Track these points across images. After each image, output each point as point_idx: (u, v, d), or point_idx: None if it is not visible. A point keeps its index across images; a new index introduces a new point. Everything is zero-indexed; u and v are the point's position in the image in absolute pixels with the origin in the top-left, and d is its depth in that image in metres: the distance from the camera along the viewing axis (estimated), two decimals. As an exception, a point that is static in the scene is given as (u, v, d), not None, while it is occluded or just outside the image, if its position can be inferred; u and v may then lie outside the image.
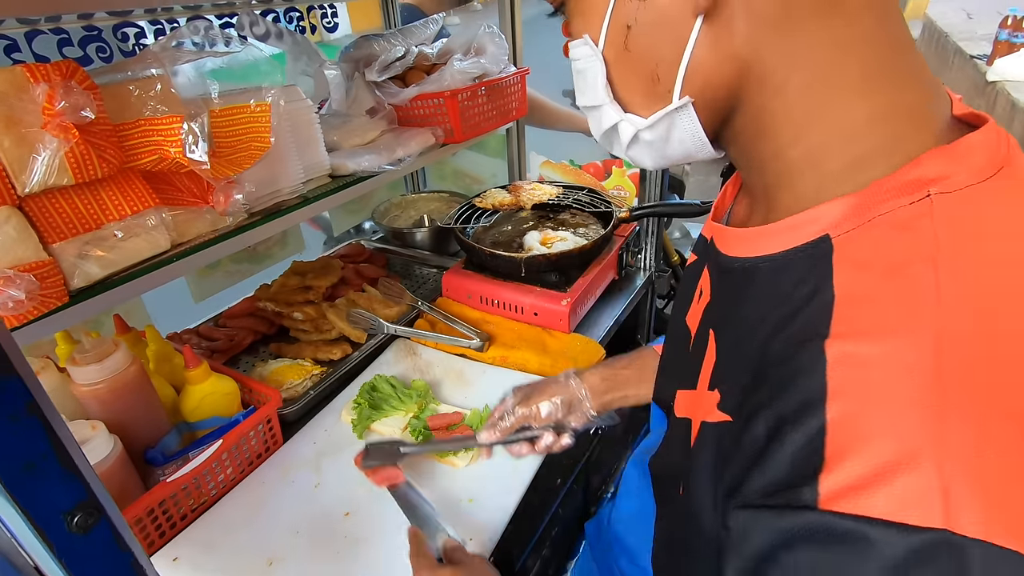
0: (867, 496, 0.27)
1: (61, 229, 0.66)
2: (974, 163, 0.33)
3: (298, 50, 1.18)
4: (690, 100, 0.39)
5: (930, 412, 0.27)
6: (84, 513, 0.35)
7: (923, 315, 0.29)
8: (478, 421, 0.90)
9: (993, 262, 0.30)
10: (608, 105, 0.43)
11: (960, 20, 6.74)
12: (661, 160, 0.45)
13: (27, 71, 0.61)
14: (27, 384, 0.31)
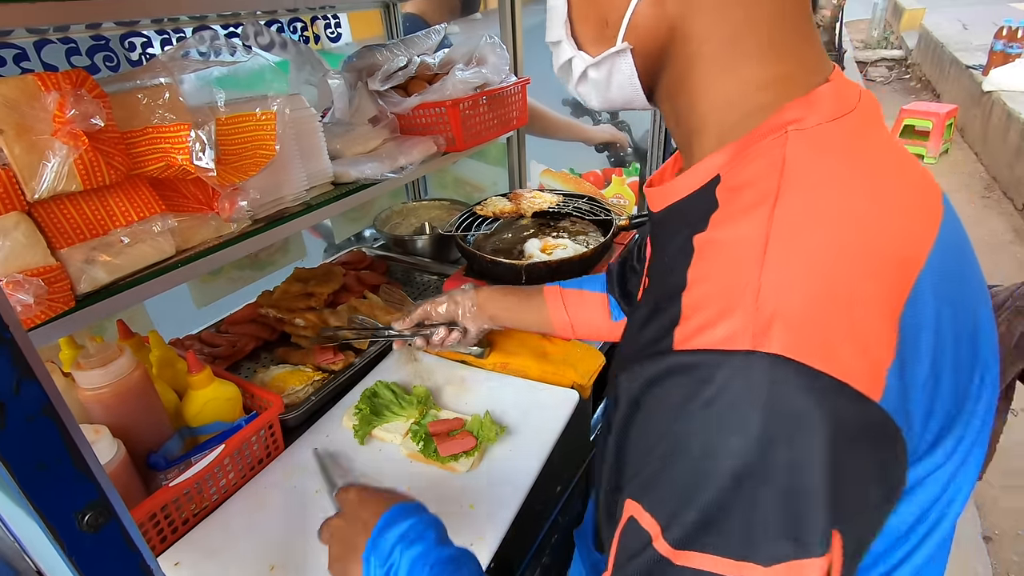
0: (703, 336, 0.36)
1: (69, 235, 0.67)
2: (823, 108, 0.42)
3: (302, 59, 1.19)
4: (629, 47, 0.46)
5: (752, 271, 0.36)
6: (95, 512, 0.36)
7: (762, 212, 0.38)
8: (479, 427, 0.91)
9: (820, 175, 0.40)
10: (565, 41, 0.50)
11: (956, 31, 6.81)
12: (604, 101, 0.52)
13: (38, 80, 0.62)
14: (44, 387, 0.32)
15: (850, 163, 0.41)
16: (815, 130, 0.41)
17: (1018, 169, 3.82)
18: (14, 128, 0.61)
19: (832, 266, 0.36)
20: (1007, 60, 4.59)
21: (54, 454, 0.33)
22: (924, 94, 6.22)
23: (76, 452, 0.35)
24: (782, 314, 0.34)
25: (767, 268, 0.36)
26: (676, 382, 0.37)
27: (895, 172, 0.43)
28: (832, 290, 0.35)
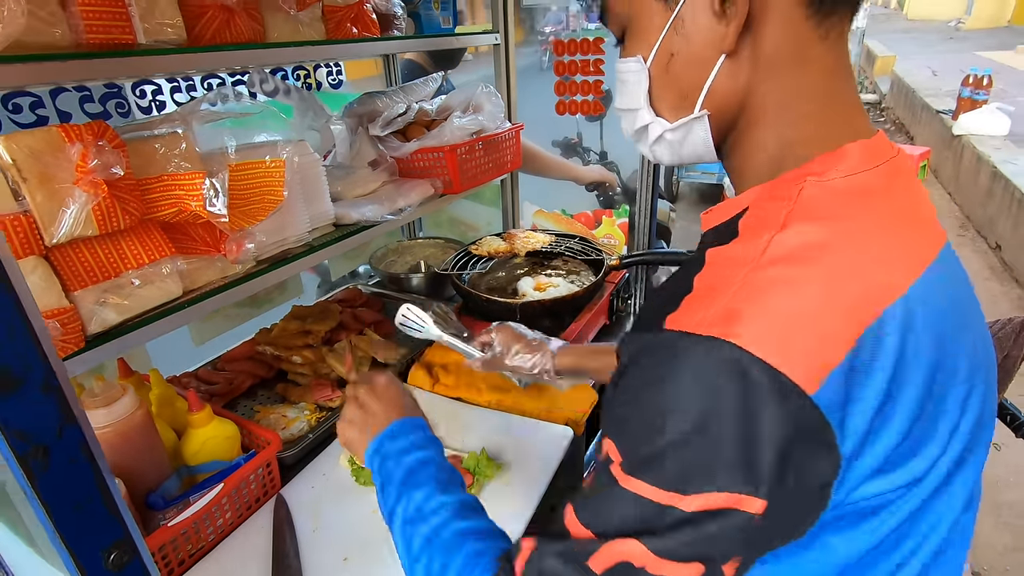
0: (684, 320, 0.43)
1: (83, 277, 0.70)
2: (844, 165, 0.48)
3: (305, 106, 1.24)
4: (706, 113, 0.53)
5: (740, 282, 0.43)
6: (120, 551, 0.38)
7: (765, 236, 0.45)
8: (476, 463, 0.92)
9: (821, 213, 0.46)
10: (645, 109, 0.57)
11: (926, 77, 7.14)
12: (675, 158, 0.59)
13: (62, 131, 0.65)
14: (83, 430, 0.34)
15: (853, 207, 0.47)
16: (830, 183, 0.47)
17: (990, 209, 3.97)
18: (37, 177, 0.64)
19: (805, 285, 0.43)
20: (975, 106, 4.82)
21: (88, 494, 0.35)
22: (899, 136, 6.47)
23: (106, 492, 0.37)
24: (747, 316, 0.41)
25: (746, 282, 0.43)
26: (655, 351, 0.45)
27: (898, 217, 0.48)
28: (799, 304, 0.42)
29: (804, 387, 0.40)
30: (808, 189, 0.47)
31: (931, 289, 0.46)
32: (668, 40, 0.52)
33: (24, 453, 0.31)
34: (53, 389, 0.33)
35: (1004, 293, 3.37)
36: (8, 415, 0.30)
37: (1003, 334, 1.15)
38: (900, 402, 0.43)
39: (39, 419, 0.32)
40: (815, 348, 0.41)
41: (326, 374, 1.17)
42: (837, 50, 0.50)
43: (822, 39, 0.49)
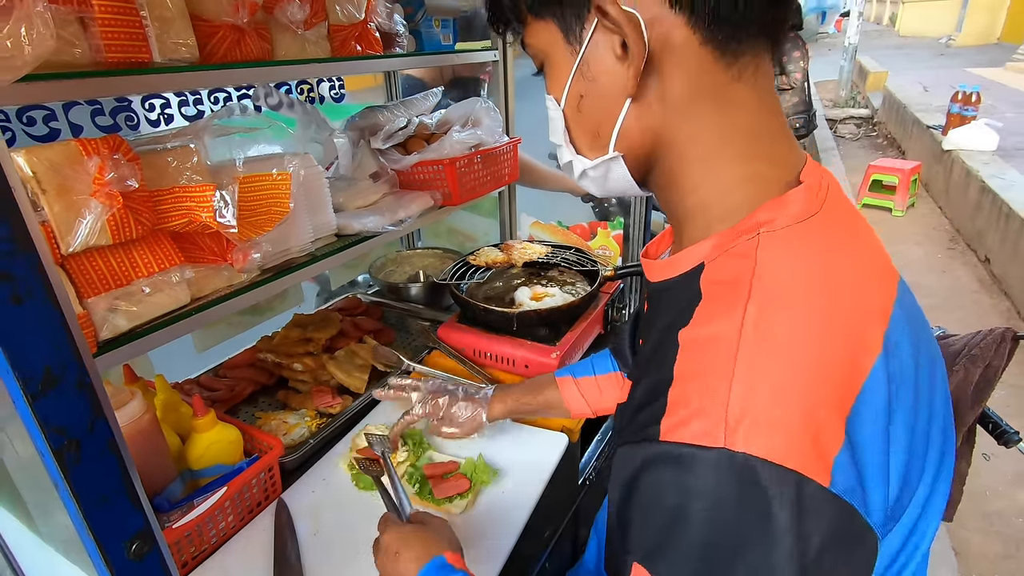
0: (684, 430, 0.42)
1: (96, 285, 0.72)
2: (792, 211, 0.48)
3: (308, 119, 1.27)
4: (620, 155, 0.54)
5: (725, 376, 0.42)
6: (141, 542, 0.40)
7: (735, 314, 0.45)
8: (473, 469, 0.94)
9: (786, 276, 0.46)
10: (565, 146, 0.58)
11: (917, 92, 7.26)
12: (604, 192, 0.60)
13: (80, 145, 0.68)
14: (111, 427, 0.37)
15: (812, 268, 0.47)
16: (784, 232, 0.47)
17: (979, 222, 4.04)
18: (56, 188, 0.66)
19: (790, 373, 0.42)
20: (963, 122, 4.91)
21: (114, 486, 0.38)
22: (890, 150, 6.56)
23: (131, 485, 0.39)
24: (746, 417, 0.41)
25: (736, 375, 0.42)
26: (664, 469, 0.43)
27: (853, 266, 0.49)
28: (789, 394, 0.42)
29: (820, 480, 0.39)
30: (764, 247, 0.47)
31: (899, 330, 0.47)
32: (576, 82, 0.52)
33: (59, 447, 0.34)
34: (86, 386, 0.35)
35: (993, 306, 3.42)
36: (47, 411, 0.33)
37: (984, 344, 1.18)
38: (896, 451, 0.44)
39: (74, 415, 0.35)
40: (816, 436, 0.40)
41: (326, 381, 1.19)
42: (758, 87, 0.50)
43: (736, 79, 0.48)
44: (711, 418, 0.41)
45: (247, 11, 0.83)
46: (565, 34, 0.51)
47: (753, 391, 0.41)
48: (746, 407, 0.41)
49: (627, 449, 0.47)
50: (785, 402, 0.41)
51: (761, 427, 0.40)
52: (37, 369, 0.32)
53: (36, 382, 0.32)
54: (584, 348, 1.31)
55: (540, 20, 0.53)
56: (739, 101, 0.49)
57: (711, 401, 0.42)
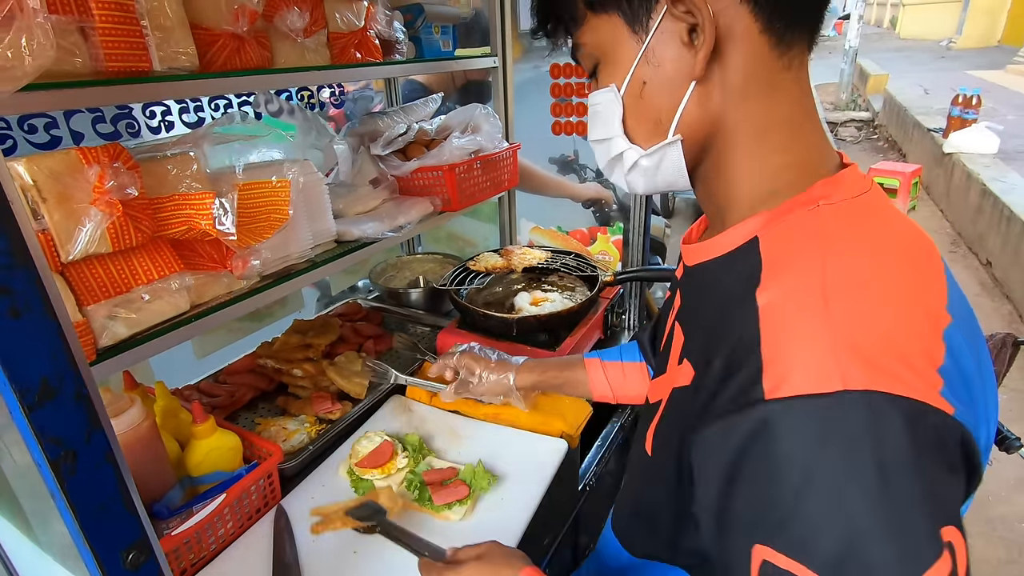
0: (791, 381, 0.41)
1: (95, 292, 0.72)
2: (846, 188, 0.51)
3: (308, 125, 1.28)
4: (679, 138, 0.55)
5: (821, 322, 0.42)
6: (137, 551, 0.40)
7: (814, 266, 0.45)
8: (472, 476, 0.94)
9: (856, 236, 0.48)
10: (619, 137, 0.58)
11: (917, 95, 7.27)
12: (650, 186, 0.60)
13: (80, 154, 0.68)
14: (108, 436, 0.37)
15: (873, 232, 0.49)
16: (841, 204, 0.50)
17: (980, 225, 4.03)
18: (56, 197, 0.67)
19: (883, 312, 0.43)
20: (964, 125, 4.91)
21: (111, 496, 0.38)
22: (891, 153, 6.57)
23: (127, 494, 0.39)
24: (856, 354, 0.40)
25: (833, 316, 0.42)
26: (781, 429, 0.40)
27: (908, 238, 0.51)
28: (887, 330, 0.42)
29: (946, 409, 0.39)
30: (825, 216, 0.49)
31: (956, 302, 0.48)
32: (640, 69, 0.54)
33: (56, 457, 0.34)
34: (83, 397, 0.35)
35: (995, 309, 3.41)
36: (44, 422, 0.33)
37: (985, 350, 1.17)
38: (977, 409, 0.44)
39: (70, 425, 0.35)
40: (924, 371, 0.40)
41: (326, 387, 1.19)
42: (801, 80, 0.53)
43: (786, 69, 0.52)
44: (820, 363, 0.40)
45: (247, 20, 0.84)
46: (630, 24, 0.53)
47: (855, 328, 0.41)
48: (854, 345, 0.40)
49: (721, 424, 0.44)
50: (888, 339, 0.41)
51: (873, 361, 0.40)
52: (34, 381, 0.32)
53: (33, 393, 0.33)
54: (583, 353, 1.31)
55: (602, 15, 0.55)
56: (786, 90, 0.52)
57: (813, 347, 0.41)
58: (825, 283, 0.44)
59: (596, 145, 0.62)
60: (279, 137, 1.10)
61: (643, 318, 1.50)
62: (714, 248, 0.56)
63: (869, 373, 0.39)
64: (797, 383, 0.40)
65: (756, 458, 0.41)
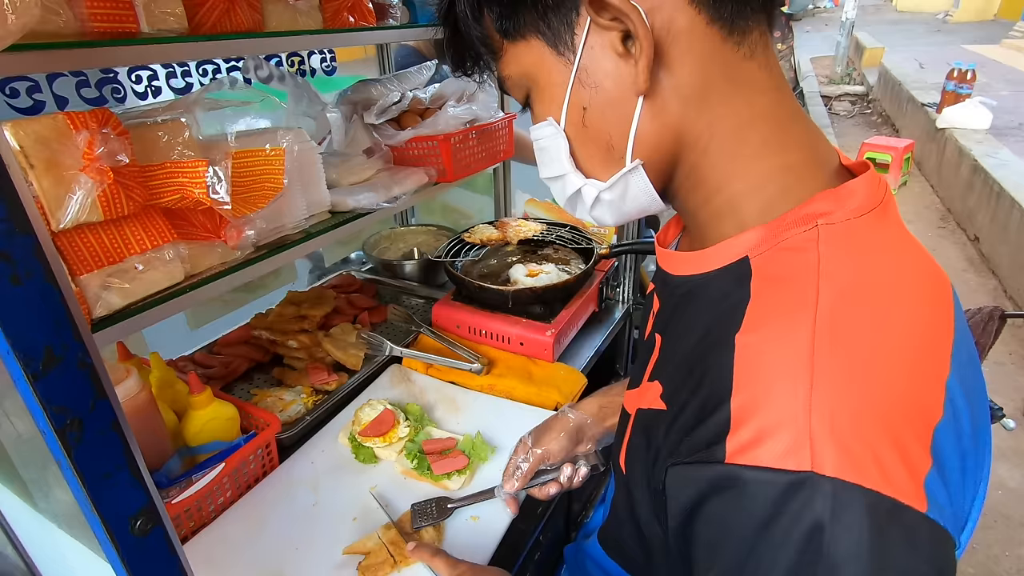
0: (758, 450, 0.37)
1: (88, 262, 0.71)
2: (852, 203, 0.44)
3: (299, 92, 1.25)
4: (639, 162, 0.48)
5: (802, 385, 0.37)
6: (145, 518, 0.41)
7: (805, 314, 0.40)
8: (470, 446, 0.95)
9: (857, 275, 0.41)
10: (572, 173, 0.52)
11: (912, 69, 7.22)
12: (620, 217, 0.54)
13: (68, 119, 0.66)
14: (112, 405, 0.37)
15: (881, 269, 0.42)
16: (844, 226, 0.43)
17: (970, 201, 4.06)
18: (44, 163, 0.65)
19: (875, 385, 0.37)
20: (958, 99, 4.90)
21: (117, 464, 0.38)
22: (884, 128, 6.55)
23: (133, 462, 0.39)
24: (833, 433, 0.35)
25: (816, 386, 0.36)
26: (731, 497, 0.37)
27: (918, 276, 0.44)
28: (875, 406, 0.37)
29: (918, 507, 0.35)
30: (825, 242, 0.42)
31: (960, 345, 0.43)
32: (576, 94, 0.47)
33: (62, 426, 0.34)
34: (87, 366, 0.35)
35: (981, 284, 3.46)
36: (49, 391, 0.33)
37: (973, 323, 1.20)
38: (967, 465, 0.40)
39: (75, 394, 0.35)
40: (907, 455, 0.36)
41: (321, 358, 1.19)
42: (769, 66, 0.46)
43: (748, 58, 0.45)
44: (792, 436, 0.36)
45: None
46: (554, 46, 0.47)
47: (838, 405, 0.36)
48: (834, 424, 0.35)
49: (682, 471, 0.41)
50: (874, 418, 0.36)
51: (851, 447, 0.35)
52: (38, 349, 0.32)
53: (37, 362, 0.32)
54: (579, 325, 1.32)
55: (519, 42, 0.49)
56: (754, 82, 0.46)
57: (789, 416, 0.36)
58: (814, 340, 0.38)
59: (550, 183, 0.56)
60: (270, 104, 1.07)
61: (637, 292, 1.50)
62: (698, 262, 0.50)
63: (843, 458, 0.35)
64: (761, 453, 0.36)
65: (710, 516, 0.39)
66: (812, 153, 0.48)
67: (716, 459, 0.38)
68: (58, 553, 0.56)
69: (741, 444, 0.37)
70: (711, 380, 0.42)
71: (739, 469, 0.37)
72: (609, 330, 1.37)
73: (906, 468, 0.36)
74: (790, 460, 0.35)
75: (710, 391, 0.41)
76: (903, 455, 0.36)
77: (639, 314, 1.53)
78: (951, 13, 13.36)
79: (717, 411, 0.39)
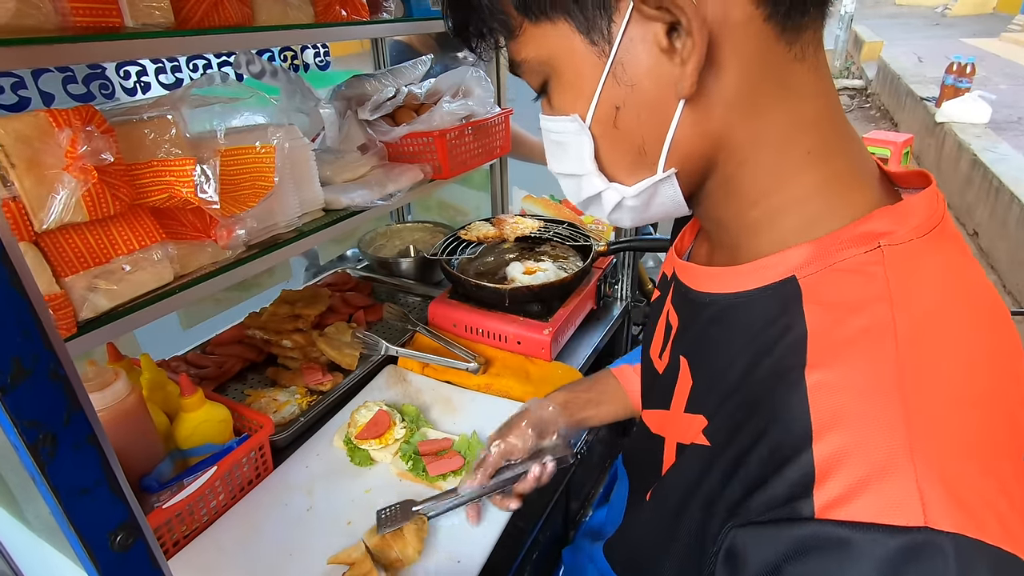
0: (856, 503, 0.32)
1: (73, 263, 0.69)
2: (915, 221, 0.40)
3: (292, 88, 1.23)
4: (673, 171, 0.44)
5: (899, 427, 0.33)
6: (125, 533, 0.39)
7: (885, 346, 0.35)
8: (466, 447, 0.94)
9: (932, 302, 0.38)
10: (594, 175, 0.47)
11: (911, 63, 7.20)
12: (640, 221, 0.50)
13: (50, 116, 0.64)
14: (88, 418, 0.35)
15: (955, 294, 0.39)
16: (909, 247, 0.39)
17: (968, 196, 4.05)
18: (25, 162, 0.63)
19: (971, 419, 0.34)
20: (957, 94, 4.88)
21: (94, 478, 0.37)
22: (883, 123, 6.53)
23: (112, 476, 0.38)
24: (944, 481, 0.31)
25: (912, 426, 0.32)
26: (824, 560, 0.32)
27: (983, 293, 0.41)
28: (978, 447, 0.33)
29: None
30: (892, 265, 0.38)
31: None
32: (608, 91, 0.42)
33: (34, 441, 0.32)
34: (61, 377, 0.34)
35: (980, 279, 3.46)
36: (20, 406, 0.31)
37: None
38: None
39: (48, 407, 0.33)
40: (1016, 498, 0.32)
41: (316, 358, 1.18)
42: (819, 68, 0.42)
43: (799, 59, 0.40)
44: (896, 486, 0.31)
45: (224, -28, 0.79)
46: (586, 33, 0.41)
47: (942, 448, 0.32)
48: (941, 468, 0.31)
49: (758, 532, 0.35)
50: (979, 461, 0.32)
51: (964, 497, 0.31)
52: (5, 361, 0.30)
53: (5, 375, 0.31)
54: (576, 323, 1.31)
55: (543, 23, 0.43)
56: (802, 86, 0.41)
57: (888, 463, 0.32)
58: (902, 376, 0.34)
59: (563, 179, 0.51)
60: (262, 100, 1.05)
61: (635, 289, 1.49)
62: (732, 279, 0.45)
63: (960, 511, 0.30)
64: (860, 508, 0.31)
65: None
66: (857, 163, 0.44)
67: (802, 516, 0.33)
68: (46, 567, 0.55)
69: (833, 498, 0.32)
70: (782, 424, 0.37)
71: (834, 527, 0.32)
72: (607, 328, 1.35)
73: (1017, 515, 0.32)
74: (898, 515, 0.31)
75: (781, 437, 0.36)
76: (1011, 500, 0.32)
77: (638, 311, 1.52)
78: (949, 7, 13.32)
79: (795, 460, 0.35)
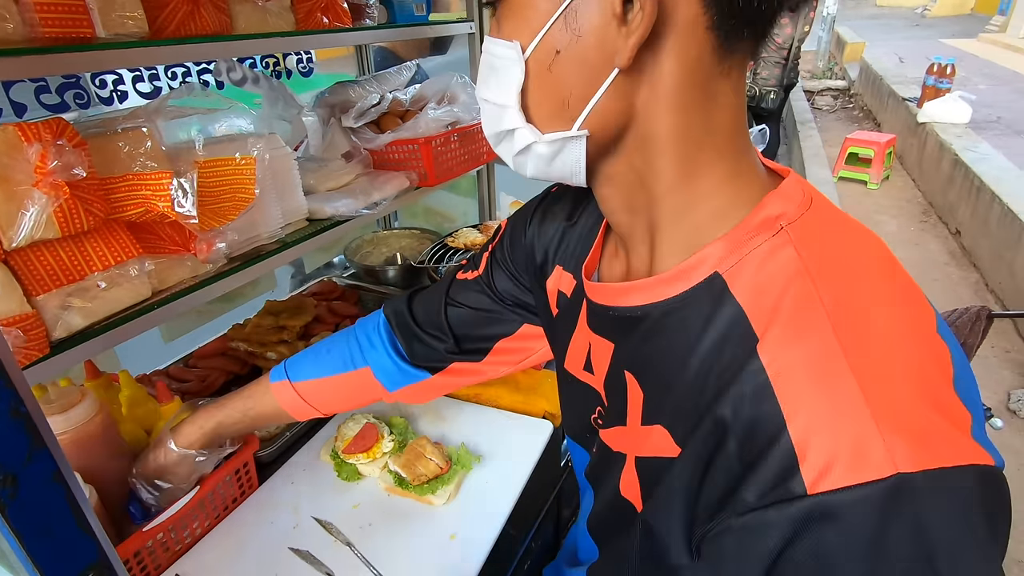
0: (837, 470, 0.34)
1: (45, 281, 0.67)
2: (797, 198, 0.45)
3: (274, 95, 1.21)
4: (585, 134, 0.46)
5: (850, 388, 0.36)
6: (95, 573, 0.37)
7: (818, 318, 0.39)
8: (455, 457, 0.93)
9: (838, 264, 0.42)
10: (514, 109, 0.47)
11: (893, 64, 7.30)
12: (540, 174, 0.50)
13: (19, 130, 0.62)
14: (53, 455, 0.34)
15: (848, 251, 0.43)
16: (801, 222, 0.43)
17: (950, 195, 4.10)
18: (-7, 178, 0.61)
19: (908, 361, 0.38)
20: (938, 94, 4.94)
21: (60, 518, 0.35)
22: (866, 123, 6.61)
23: (80, 514, 0.36)
24: (902, 430, 0.34)
25: (861, 382, 0.36)
26: (825, 528, 0.34)
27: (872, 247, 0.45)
28: (921, 383, 0.37)
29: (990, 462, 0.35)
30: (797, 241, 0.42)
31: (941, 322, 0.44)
32: (554, 33, 0.43)
33: (-7, 483, 0.31)
34: (22, 415, 0.32)
35: (963, 278, 3.50)
36: (-26, 446, 0.29)
37: (960, 322, 1.20)
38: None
39: (8, 448, 0.31)
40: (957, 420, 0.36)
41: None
42: (738, 90, 0.45)
43: (725, 75, 0.44)
44: (869, 446, 0.34)
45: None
46: None
47: (887, 392, 0.36)
48: (896, 419, 0.35)
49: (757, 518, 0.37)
50: (919, 395, 0.36)
51: (918, 433, 0.35)
52: (-42, 402, 0.29)
53: (-42, 416, 0.29)
54: (566, 331, 1.29)
55: None
56: (722, 100, 0.44)
57: (852, 424, 0.35)
58: (843, 341, 0.37)
59: (485, 105, 0.50)
60: (241, 110, 1.03)
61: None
62: (658, 288, 0.47)
63: (920, 449, 0.34)
64: (842, 473, 0.34)
65: (799, 557, 0.35)
66: (749, 159, 0.48)
67: (796, 494, 0.35)
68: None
69: (818, 470, 0.35)
70: (750, 411, 0.38)
71: (827, 496, 0.34)
72: (597, 334, 1.34)
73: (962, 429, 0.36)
74: (871, 470, 0.34)
75: (753, 425, 0.38)
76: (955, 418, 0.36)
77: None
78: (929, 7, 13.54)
79: (775, 444, 0.36)
